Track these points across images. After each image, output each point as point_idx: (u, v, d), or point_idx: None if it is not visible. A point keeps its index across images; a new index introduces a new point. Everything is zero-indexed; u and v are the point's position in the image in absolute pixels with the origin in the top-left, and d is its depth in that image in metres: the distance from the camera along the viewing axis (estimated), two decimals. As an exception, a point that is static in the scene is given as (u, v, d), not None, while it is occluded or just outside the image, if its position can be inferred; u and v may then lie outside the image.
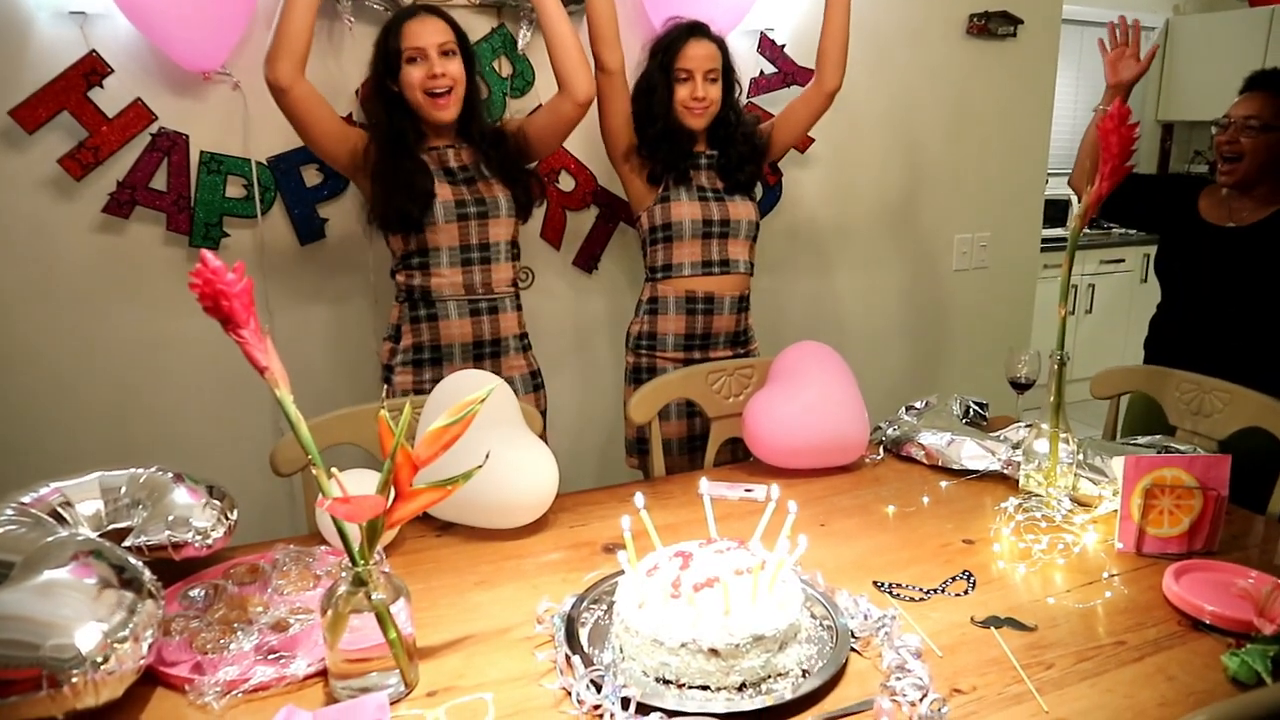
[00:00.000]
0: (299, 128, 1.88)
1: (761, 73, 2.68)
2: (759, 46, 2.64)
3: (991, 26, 3.00)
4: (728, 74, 2.16)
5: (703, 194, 2.15)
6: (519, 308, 2.07)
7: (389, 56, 1.88)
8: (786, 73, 2.70)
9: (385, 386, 1.98)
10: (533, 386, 2.08)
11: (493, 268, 1.97)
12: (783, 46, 2.68)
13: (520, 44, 2.37)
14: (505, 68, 2.38)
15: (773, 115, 2.36)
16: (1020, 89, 3.15)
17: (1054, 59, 3.22)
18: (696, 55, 2.08)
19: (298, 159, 2.23)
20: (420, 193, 1.87)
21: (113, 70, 2.01)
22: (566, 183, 2.53)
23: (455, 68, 1.88)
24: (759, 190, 2.35)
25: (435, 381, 1.91)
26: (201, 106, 2.13)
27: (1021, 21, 3.05)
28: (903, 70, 2.93)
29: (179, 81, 2.10)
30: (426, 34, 1.85)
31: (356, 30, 2.19)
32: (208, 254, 1.01)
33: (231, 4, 2.03)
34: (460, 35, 1.91)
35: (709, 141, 2.20)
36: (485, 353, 1.99)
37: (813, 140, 2.78)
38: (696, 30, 2.13)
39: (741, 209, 2.17)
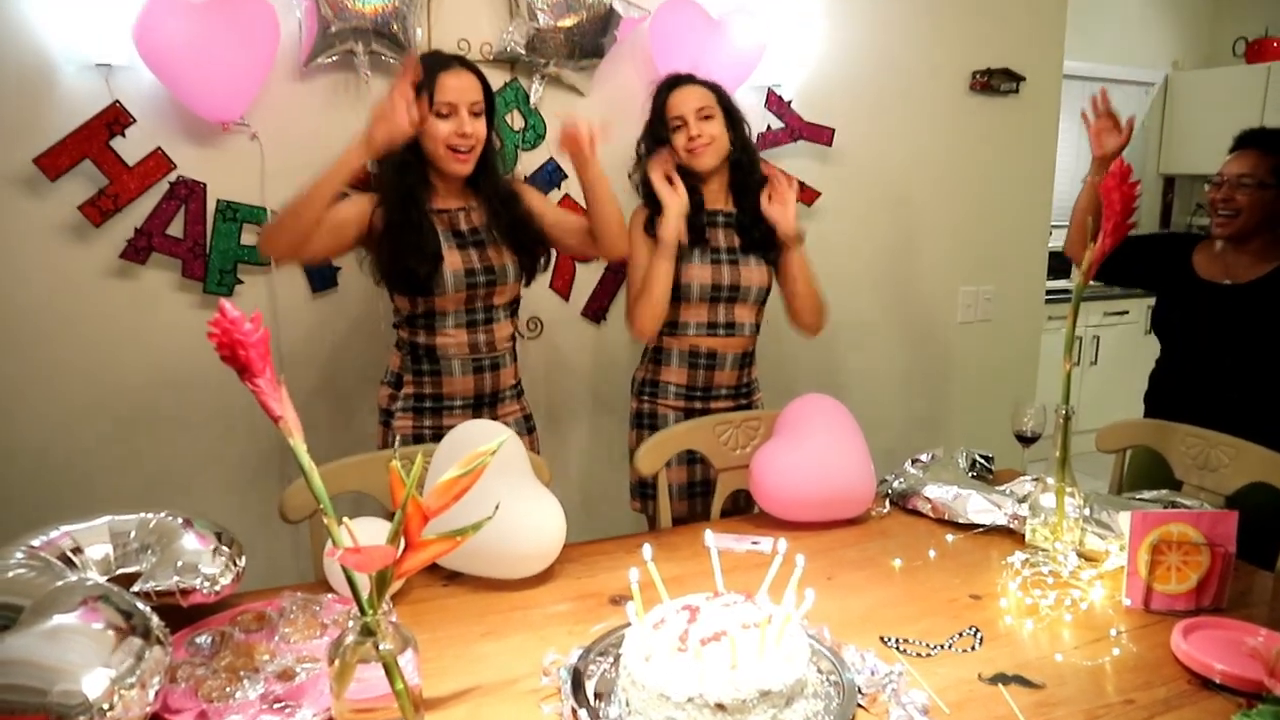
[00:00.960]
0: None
1: (769, 127, 2.72)
2: (766, 102, 2.69)
3: (994, 83, 3.05)
4: (730, 113, 2.11)
5: (716, 256, 2.11)
6: (516, 358, 2.08)
7: (419, 92, 1.82)
8: (794, 128, 2.75)
9: (392, 433, 1.97)
10: (526, 430, 2.10)
11: (495, 326, 1.97)
12: (789, 102, 2.73)
13: (533, 98, 2.43)
14: (518, 121, 2.44)
15: (782, 170, 2.37)
16: (1023, 143, 3.21)
17: (1056, 114, 3.27)
18: (683, 100, 2.06)
19: (312, 208, 2.26)
20: (429, 254, 1.85)
21: (135, 120, 2.06)
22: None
23: (481, 128, 1.88)
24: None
25: (435, 428, 1.94)
26: (219, 156, 2.18)
27: (1024, 78, 3.11)
28: (907, 125, 2.98)
29: (198, 132, 2.15)
30: (461, 90, 1.84)
31: (373, 82, 2.24)
32: (226, 304, 1.02)
33: (251, 58, 2.09)
34: (488, 93, 1.91)
35: (727, 194, 2.16)
36: (485, 402, 2.00)
37: (819, 194, 2.82)
38: (680, 80, 2.11)
39: (755, 274, 2.12)
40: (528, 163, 2.48)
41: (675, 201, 2.01)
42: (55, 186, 2.03)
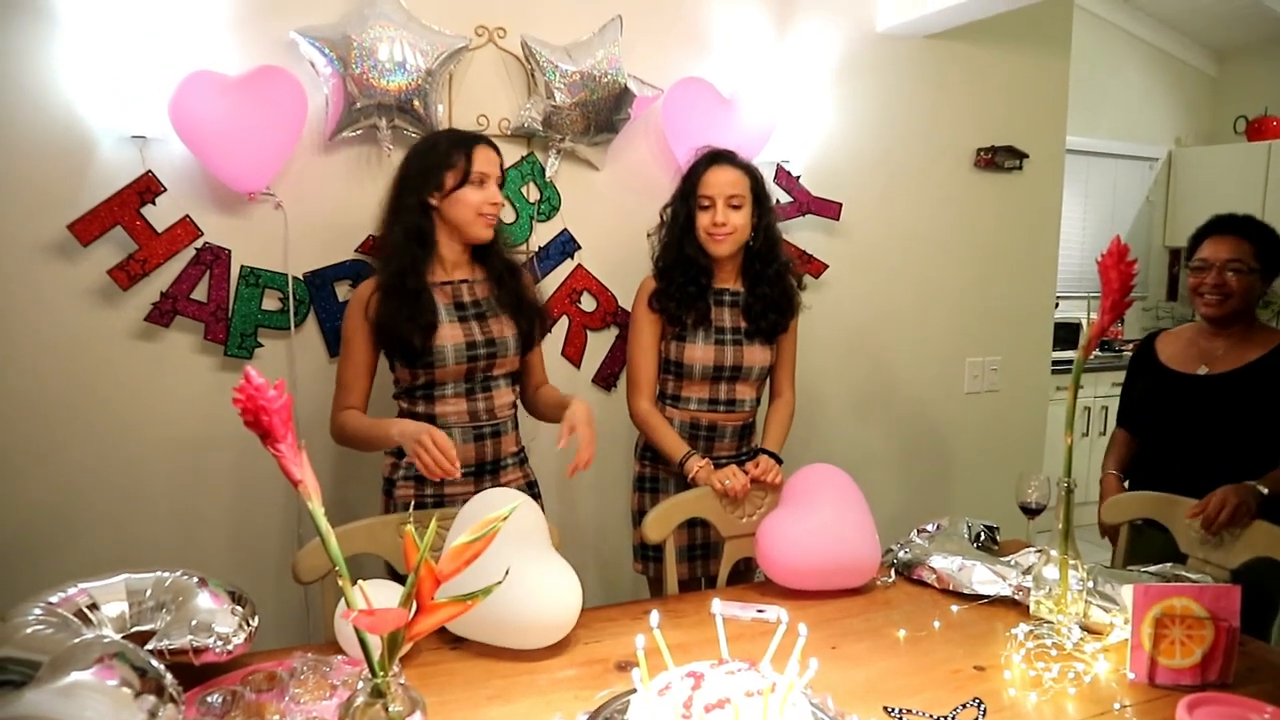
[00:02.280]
0: None
1: (778, 201, 2.80)
2: (775, 177, 2.77)
3: (998, 160, 3.13)
4: (760, 202, 2.15)
5: (720, 337, 2.14)
6: (517, 425, 2.09)
7: (442, 169, 1.91)
8: (802, 202, 2.82)
9: (393, 502, 1.99)
10: (530, 496, 2.09)
11: (495, 394, 2.00)
12: (798, 177, 2.81)
13: (548, 172, 2.51)
14: (533, 193, 2.51)
15: (790, 245, 2.43)
16: (1027, 217, 3.27)
17: (1059, 188, 3.34)
18: (718, 181, 2.09)
19: (332, 275, 2.33)
20: (423, 324, 1.88)
21: (165, 189, 2.14)
22: (588, 303, 2.63)
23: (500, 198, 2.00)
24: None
25: (436, 496, 1.95)
26: (244, 224, 2.26)
27: (1027, 155, 3.18)
28: (913, 200, 3.05)
29: (225, 200, 2.23)
30: (491, 163, 1.95)
31: (395, 155, 2.32)
32: (251, 370, 1.06)
33: (279, 132, 2.18)
34: (502, 167, 2.02)
35: (739, 274, 2.20)
36: (486, 470, 2.00)
37: (826, 266, 2.88)
38: (720, 157, 2.14)
39: (757, 355, 2.16)
40: (542, 234, 2.55)
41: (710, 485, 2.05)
42: (87, 252, 2.10)
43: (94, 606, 1.35)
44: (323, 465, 2.39)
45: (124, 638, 1.29)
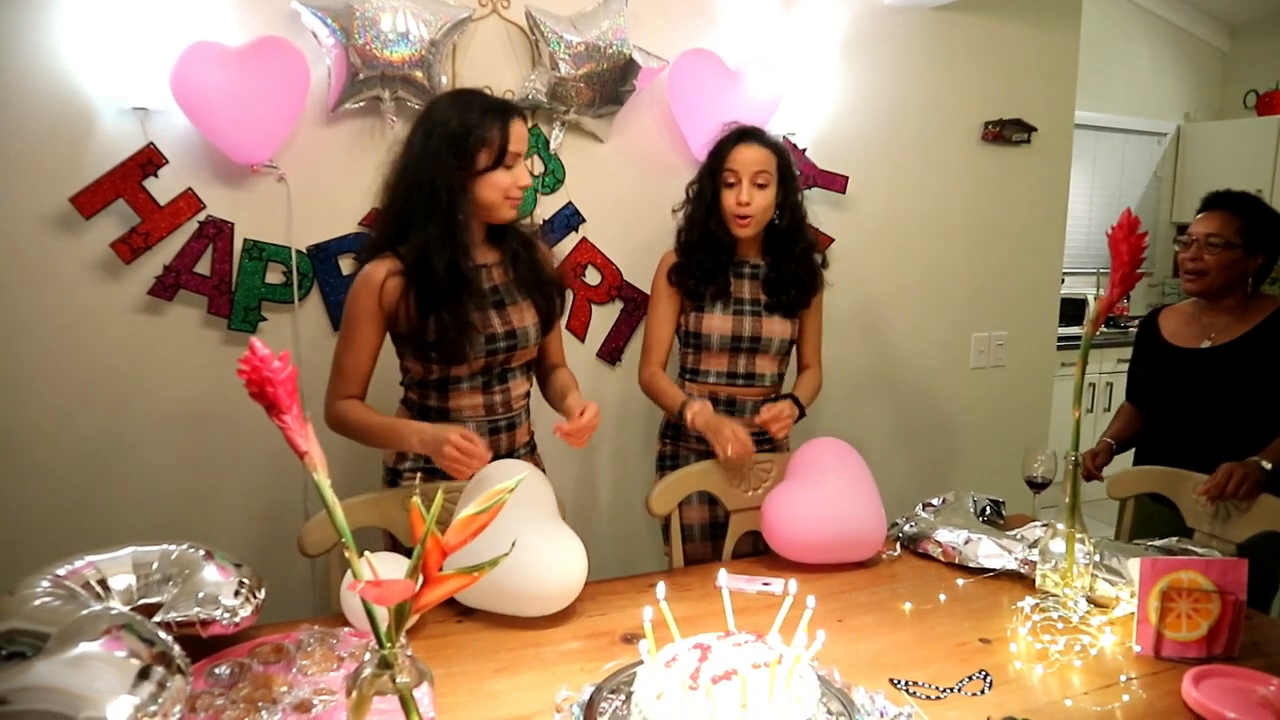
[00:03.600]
0: None
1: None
2: (781, 149, 2.74)
3: (1006, 134, 3.10)
4: (785, 180, 2.10)
5: (738, 308, 2.13)
6: (529, 415, 1.99)
7: (475, 146, 1.71)
8: (808, 175, 2.80)
9: (417, 476, 1.89)
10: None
11: (511, 385, 1.89)
12: (804, 150, 2.78)
13: (553, 144, 2.49)
14: (538, 166, 2.49)
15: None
16: (1035, 192, 3.25)
17: (1067, 163, 3.32)
18: (744, 159, 2.05)
19: (336, 248, 2.32)
20: (482, 333, 1.78)
21: (167, 161, 2.12)
22: (593, 277, 2.62)
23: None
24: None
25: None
26: (247, 196, 2.24)
27: (1035, 129, 3.15)
28: (920, 174, 3.02)
29: (228, 173, 2.21)
30: (524, 141, 1.78)
31: (398, 126, 2.31)
32: (256, 342, 1.05)
33: (282, 103, 2.16)
34: None
35: (762, 249, 2.17)
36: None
37: (832, 240, 2.86)
38: (747, 135, 2.09)
39: (777, 327, 2.14)
40: (547, 206, 2.53)
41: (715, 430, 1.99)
42: (89, 225, 2.09)
43: (101, 579, 1.35)
44: (334, 441, 2.38)
45: (131, 610, 1.29)
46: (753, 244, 2.16)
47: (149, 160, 2.10)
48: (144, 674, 1.08)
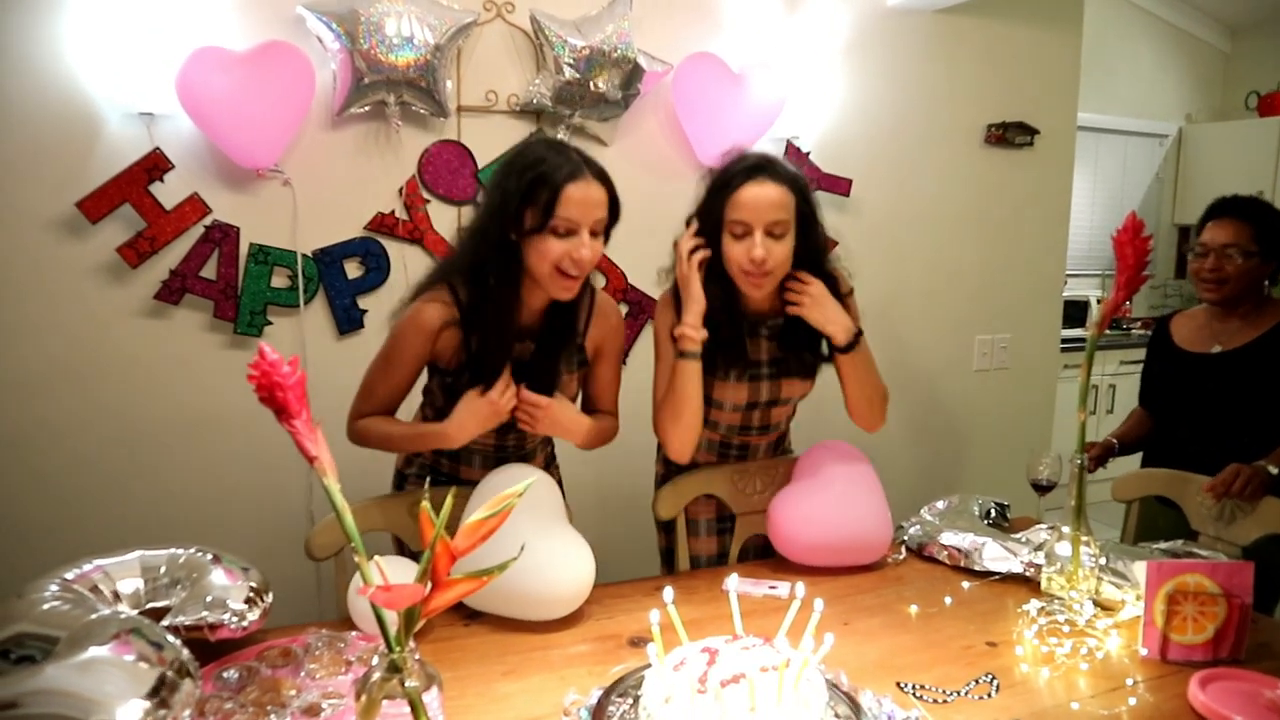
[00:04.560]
0: None
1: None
2: (785, 153, 2.75)
3: (1009, 136, 3.11)
4: (806, 221, 1.72)
5: (754, 373, 1.84)
6: (549, 443, 1.90)
7: (527, 205, 1.52)
8: (812, 179, 2.80)
9: (427, 479, 1.89)
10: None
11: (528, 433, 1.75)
12: (808, 154, 2.79)
13: (557, 148, 2.49)
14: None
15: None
16: (1038, 195, 3.25)
17: (1070, 166, 3.32)
18: (756, 203, 1.64)
19: (341, 252, 2.33)
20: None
21: (173, 166, 2.13)
22: (597, 280, 2.61)
23: (599, 248, 1.57)
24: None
25: (451, 480, 1.82)
26: (253, 201, 2.25)
27: (1038, 131, 3.16)
28: (923, 177, 3.03)
29: (233, 177, 2.22)
30: (588, 206, 1.52)
31: (403, 131, 2.32)
32: (265, 346, 1.05)
33: (287, 108, 2.17)
34: (614, 205, 1.59)
35: (775, 298, 1.82)
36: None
37: (836, 243, 2.85)
38: (759, 170, 1.67)
39: (797, 388, 1.90)
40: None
41: (698, 303, 1.71)
42: (96, 229, 2.10)
43: (109, 582, 1.35)
44: (341, 445, 2.39)
45: (139, 614, 1.30)
46: (769, 295, 1.80)
47: (155, 165, 2.11)
48: (152, 678, 1.09)
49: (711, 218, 1.70)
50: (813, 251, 1.77)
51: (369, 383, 1.70)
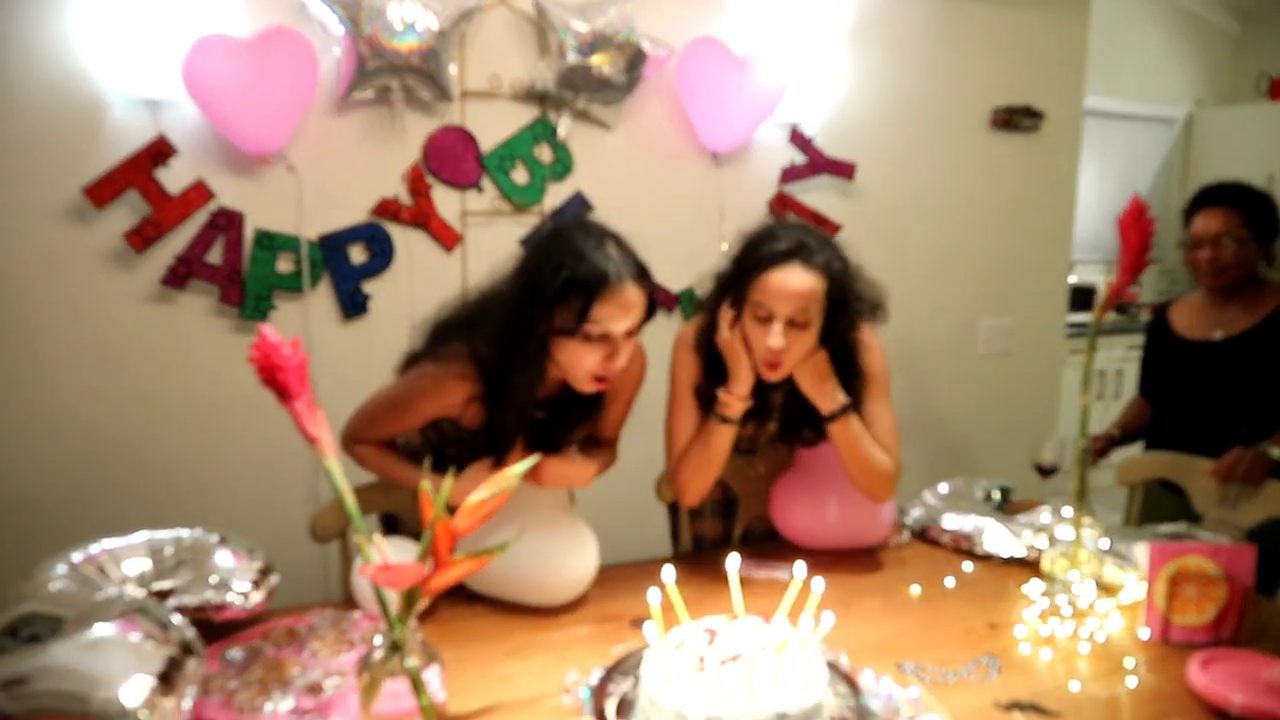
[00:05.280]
0: None
1: (793, 162, 2.78)
2: (790, 138, 2.74)
3: (1014, 120, 3.09)
4: (837, 311, 1.62)
5: (765, 415, 1.80)
6: None
7: (559, 304, 1.42)
8: (816, 163, 2.80)
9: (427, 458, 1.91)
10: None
11: None
12: (811, 139, 2.78)
13: (561, 133, 2.50)
14: (546, 154, 2.50)
15: (804, 206, 2.33)
16: (1044, 179, 3.23)
17: (1076, 150, 3.30)
18: (782, 291, 1.53)
19: (346, 238, 2.33)
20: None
21: (178, 152, 2.14)
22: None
23: (633, 347, 1.51)
24: None
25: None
26: (258, 187, 2.25)
27: (1044, 115, 3.14)
28: (928, 160, 3.02)
29: (238, 163, 2.23)
30: (628, 313, 1.43)
31: (407, 116, 2.32)
32: (267, 329, 1.06)
33: (291, 94, 2.17)
34: (651, 303, 1.50)
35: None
36: None
37: (840, 227, 2.86)
38: (792, 255, 1.55)
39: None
40: (555, 195, 2.54)
41: (747, 376, 1.64)
42: (101, 215, 2.11)
43: (116, 564, 1.37)
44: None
45: (146, 595, 1.31)
46: None
47: (160, 151, 2.12)
48: (158, 656, 1.10)
49: (737, 290, 1.61)
50: (839, 333, 1.68)
51: (374, 414, 1.63)
